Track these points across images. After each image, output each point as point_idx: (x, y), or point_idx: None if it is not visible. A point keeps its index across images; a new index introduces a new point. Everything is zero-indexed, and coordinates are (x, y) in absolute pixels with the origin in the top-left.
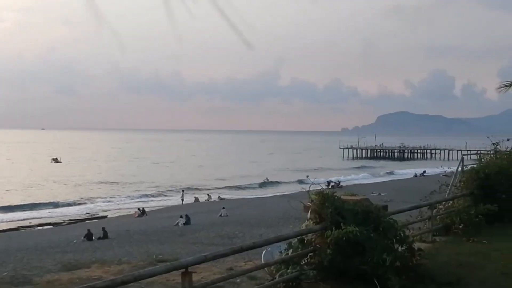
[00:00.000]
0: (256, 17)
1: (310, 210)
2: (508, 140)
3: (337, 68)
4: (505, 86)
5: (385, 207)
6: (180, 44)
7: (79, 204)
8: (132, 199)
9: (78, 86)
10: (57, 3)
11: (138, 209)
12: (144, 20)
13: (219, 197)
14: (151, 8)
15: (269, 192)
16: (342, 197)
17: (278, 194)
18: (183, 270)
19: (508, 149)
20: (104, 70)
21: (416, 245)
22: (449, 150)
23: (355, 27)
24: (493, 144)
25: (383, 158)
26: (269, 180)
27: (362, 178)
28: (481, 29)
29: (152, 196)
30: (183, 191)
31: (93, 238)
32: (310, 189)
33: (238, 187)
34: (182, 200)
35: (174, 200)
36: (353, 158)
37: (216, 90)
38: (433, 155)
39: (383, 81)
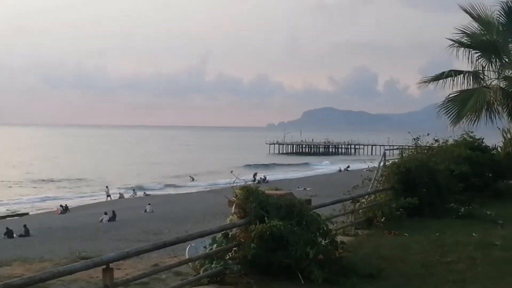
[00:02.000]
0: (181, 11)
1: (234, 204)
2: (428, 135)
3: (262, 63)
4: (425, 82)
5: (309, 201)
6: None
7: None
8: (54, 196)
9: None
10: None
11: (61, 205)
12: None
13: (144, 193)
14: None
15: (195, 187)
16: (266, 191)
17: (204, 190)
18: (104, 266)
19: (428, 144)
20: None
21: (339, 238)
22: (372, 146)
23: (281, 23)
24: (414, 139)
25: (308, 153)
26: (194, 178)
27: (287, 173)
28: (403, 26)
29: (74, 192)
30: (107, 187)
31: (14, 235)
32: (235, 184)
33: (167, 184)
34: (108, 196)
35: (98, 196)
36: (279, 153)
37: (141, 85)
38: (357, 150)
39: (308, 77)
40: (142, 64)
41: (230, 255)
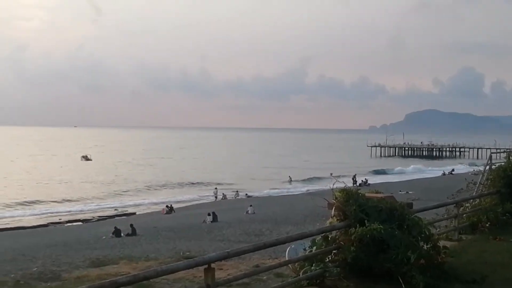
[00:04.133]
0: (282, 14)
1: (334, 207)
2: None
3: (364, 65)
4: None
5: (410, 205)
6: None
7: (109, 201)
8: (161, 196)
9: (106, 83)
10: (84, 1)
11: (166, 206)
12: (172, 18)
13: (246, 194)
14: (177, 5)
15: (296, 189)
16: (367, 194)
17: (304, 191)
18: (205, 266)
19: None
20: (130, 68)
21: (442, 243)
22: (478, 149)
23: (382, 23)
24: None
25: (412, 156)
26: (293, 179)
27: (390, 176)
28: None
29: (180, 193)
30: (216, 188)
31: (122, 234)
32: (335, 186)
33: (266, 185)
34: (216, 197)
35: (203, 197)
36: (381, 157)
37: (243, 88)
38: (462, 153)
39: (411, 79)
40: (243, 68)
41: (330, 258)
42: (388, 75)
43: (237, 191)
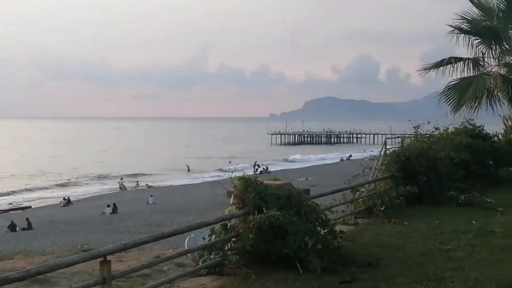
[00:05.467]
0: (183, 2)
1: (233, 195)
2: (428, 123)
3: (264, 54)
4: (425, 69)
5: (307, 191)
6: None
7: (2, 195)
8: (57, 188)
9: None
10: None
11: (64, 198)
12: (71, 5)
13: (147, 184)
14: None
15: (196, 179)
16: (265, 182)
17: (205, 180)
18: (101, 259)
19: (428, 132)
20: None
21: (339, 227)
22: (374, 134)
23: (283, 13)
24: (414, 127)
25: (311, 143)
26: (191, 168)
27: (290, 163)
28: (406, 14)
29: (78, 185)
30: (122, 179)
31: (17, 229)
32: (235, 174)
33: (164, 175)
34: (121, 188)
35: (102, 188)
36: (281, 144)
37: (144, 77)
38: (359, 139)
39: (310, 67)
40: (144, 57)
41: (229, 246)
42: (288, 64)
43: (137, 182)
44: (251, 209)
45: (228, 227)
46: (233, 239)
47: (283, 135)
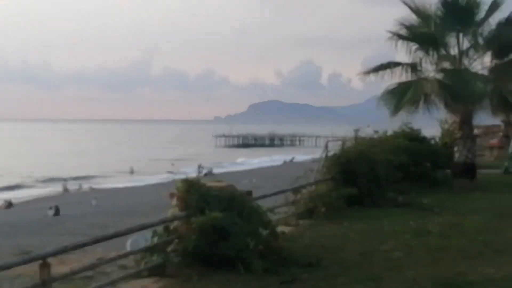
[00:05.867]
0: (127, 4)
1: (175, 197)
2: (368, 126)
3: (209, 57)
4: (365, 73)
5: (249, 193)
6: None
7: None
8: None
9: None
10: None
11: (5, 200)
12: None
13: (90, 186)
14: None
15: (141, 181)
16: (208, 184)
17: (150, 183)
18: (40, 261)
19: (368, 135)
20: None
21: (281, 228)
22: (316, 137)
23: (228, 16)
24: (354, 131)
25: (255, 145)
26: (136, 170)
27: (235, 165)
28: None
29: (21, 187)
30: (65, 180)
31: None
32: (178, 177)
33: (108, 177)
34: (64, 190)
35: (45, 190)
36: (225, 146)
37: (87, 79)
38: (301, 142)
39: (255, 70)
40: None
41: (171, 248)
42: (232, 67)
43: (80, 184)
44: (194, 211)
45: (171, 229)
46: (176, 240)
47: (227, 138)
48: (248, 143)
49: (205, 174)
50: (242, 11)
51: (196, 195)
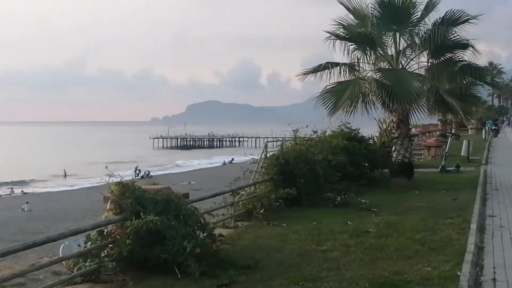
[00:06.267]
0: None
1: (110, 201)
2: (307, 126)
3: (146, 57)
4: (303, 74)
5: (186, 195)
6: None
7: None
8: None
9: None
10: None
11: None
12: None
13: (22, 191)
14: None
15: (76, 185)
16: (143, 186)
17: (85, 186)
18: None
19: (307, 135)
20: None
21: (218, 231)
22: (256, 138)
23: (165, 16)
24: (293, 131)
25: (193, 147)
26: (69, 173)
27: (173, 167)
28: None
29: None
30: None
31: None
32: (114, 180)
33: (42, 181)
34: (10, 194)
35: None
36: (163, 148)
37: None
38: (241, 142)
39: (193, 71)
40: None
41: (106, 253)
42: (170, 68)
43: (12, 188)
44: (129, 215)
45: (105, 233)
46: (110, 245)
47: (165, 139)
48: (187, 144)
49: (142, 177)
50: (180, 10)
51: (131, 198)
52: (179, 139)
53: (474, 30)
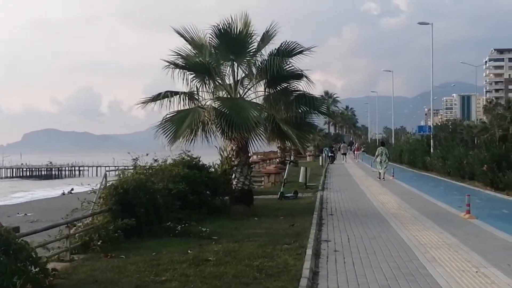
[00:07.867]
0: None
1: None
2: (147, 155)
3: None
4: (142, 103)
5: (17, 229)
6: None
7: None
8: None
9: None
10: None
11: None
12: None
13: None
14: None
15: None
16: None
17: None
18: None
19: (148, 164)
20: None
21: (53, 265)
22: (97, 167)
23: None
24: (133, 159)
25: (31, 177)
26: None
27: (7, 199)
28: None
29: None
30: None
31: None
32: None
33: None
34: None
35: None
36: None
37: None
38: (81, 172)
39: (29, 98)
40: None
41: None
42: (4, 94)
43: None
44: None
45: None
46: None
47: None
48: (23, 174)
49: None
50: (12, 33)
51: None
52: (14, 169)
53: (310, 61)
